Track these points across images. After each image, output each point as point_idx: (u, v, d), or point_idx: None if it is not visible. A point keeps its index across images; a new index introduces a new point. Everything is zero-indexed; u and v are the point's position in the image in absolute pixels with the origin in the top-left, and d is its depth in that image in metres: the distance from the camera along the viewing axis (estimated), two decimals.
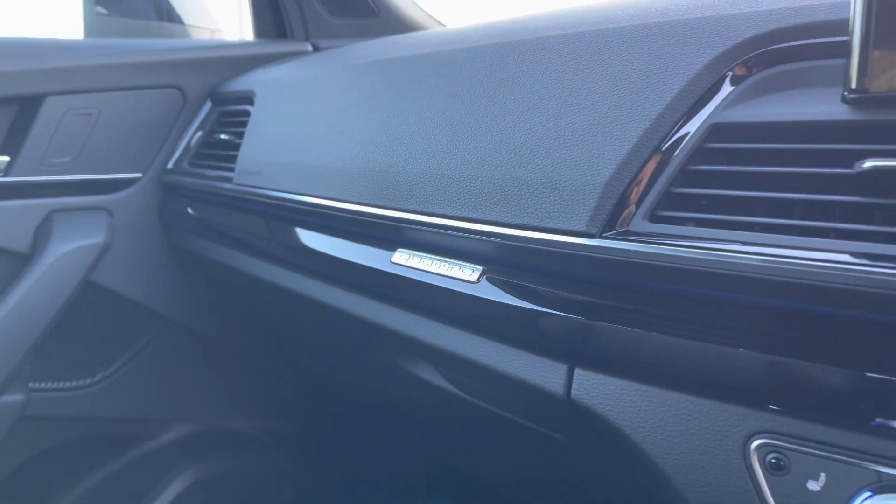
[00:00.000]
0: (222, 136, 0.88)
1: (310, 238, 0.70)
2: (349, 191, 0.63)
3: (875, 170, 0.36)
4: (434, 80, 0.61)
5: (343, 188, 0.64)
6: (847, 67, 0.38)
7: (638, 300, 0.44)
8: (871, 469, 0.37)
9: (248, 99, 0.87)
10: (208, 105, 0.95)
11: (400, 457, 1.08)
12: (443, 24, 1.18)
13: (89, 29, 1.06)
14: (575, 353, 0.48)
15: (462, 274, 0.53)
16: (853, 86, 0.38)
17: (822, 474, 0.39)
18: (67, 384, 0.96)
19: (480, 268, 0.52)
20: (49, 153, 0.87)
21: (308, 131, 0.73)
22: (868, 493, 0.37)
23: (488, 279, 0.52)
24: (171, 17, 1.14)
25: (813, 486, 0.39)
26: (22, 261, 0.87)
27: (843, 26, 0.38)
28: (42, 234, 0.87)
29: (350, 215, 0.63)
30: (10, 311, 0.85)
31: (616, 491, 0.56)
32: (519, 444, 0.64)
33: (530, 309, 0.49)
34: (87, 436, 1.00)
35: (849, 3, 0.38)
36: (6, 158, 0.85)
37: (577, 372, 0.49)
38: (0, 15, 1.15)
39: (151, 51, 0.93)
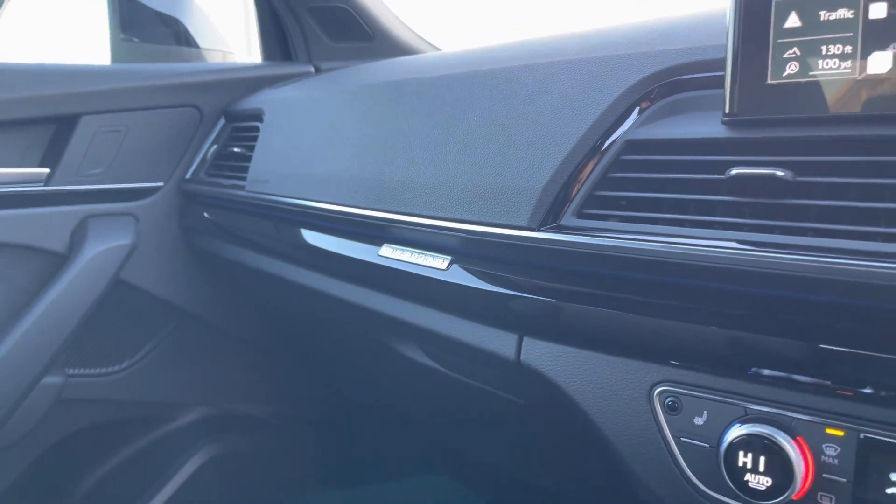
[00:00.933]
0: (235, 150, 0.99)
1: (312, 237, 0.82)
2: (344, 196, 0.75)
3: (739, 176, 0.48)
4: (414, 103, 0.72)
5: (340, 194, 0.76)
6: (724, 97, 0.50)
7: (569, 281, 0.55)
8: (741, 406, 0.49)
9: (257, 116, 0.99)
10: (222, 121, 1.07)
11: (396, 437, 1.19)
12: (433, 45, 1.30)
13: (115, 54, 1.18)
14: (523, 325, 0.59)
15: (435, 263, 0.64)
16: (727, 111, 0.49)
17: (705, 411, 0.50)
18: (98, 370, 1.07)
19: (449, 258, 0.63)
20: (83, 165, 0.99)
21: (310, 145, 0.85)
22: (738, 424, 0.48)
23: (455, 267, 0.63)
24: (188, 41, 1.26)
25: (698, 421, 0.50)
26: (60, 260, 0.99)
27: (723, 64, 0.49)
28: (77, 236, 0.99)
29: (345, 217, 0.74)
30: (49, 304, 0.96)
31: (565, 445, 0.67)
32: (488, 412, 0.75)
33: (487, 290, 0.60)
34: (116, 417, 1.11)
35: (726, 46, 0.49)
36: (46, 170, 0.97)
37: (525, 340, 0.60)
38: (40, 40, 1.27)
39: (171, 74, 1.05)
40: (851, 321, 0.43)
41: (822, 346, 0.45)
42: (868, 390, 0.44)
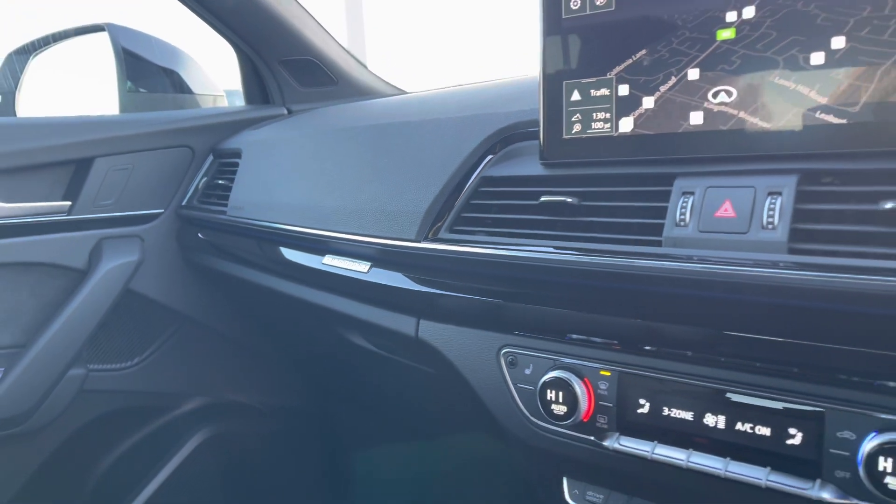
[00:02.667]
0: (220, 182, 1.21)
1: (276, 251, 1.03)
2: (298, 219, 0.97)
3: (546, 202, 0.69)
4: (347, 147, 0.95)
5: (294, 217, 0.98)
6: (539, 147, 0.71)
7: (445, 276, 0.77)
8: (553, 360, 0.70)
9: (237, 154, 1.21)
10: (210, 158, 1.29)
11: (365, 416, 1.40)
12: (389, 84, 1.52)
13: (123, 101, 1.40)
14: (418, 310, 0.81)
15: (359, 267, 0.86)
16: (540, 157, 0.71)
17: (531, 364, 0.71)
18: (114, 366, 1.29)
19: (369, 263, 0.85)
20: (98, 198, 1.21)
21: (274, 178, 1.07)
22: (549, 371, 0.69)
23: (373, 270, 0.85)
24: (183, 88, 1.48)
25: (527, 371, 0.71)
26: (80, 275, 1.20)
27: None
28: (94, 255, 1.21)
29: (299, 234, 0.96)
30: (73, 311, 1.18)
31: (454, 396, 0.89)
32: (412, 382, 0.97)
33: (393, 286, 0.82)
34: (129, 405, 1.31)
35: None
36: (68, 203, 1.19)
37: (421, 322, 0.81)
38: (61, 93, 1.51)
39: (168, 121, 1.28)
40: (617, 299, 0.64)
41: (599, 315, 0.66)
42: (623, 343, 0.65)
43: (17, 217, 1.14)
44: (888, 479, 0.51)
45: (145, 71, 1.43)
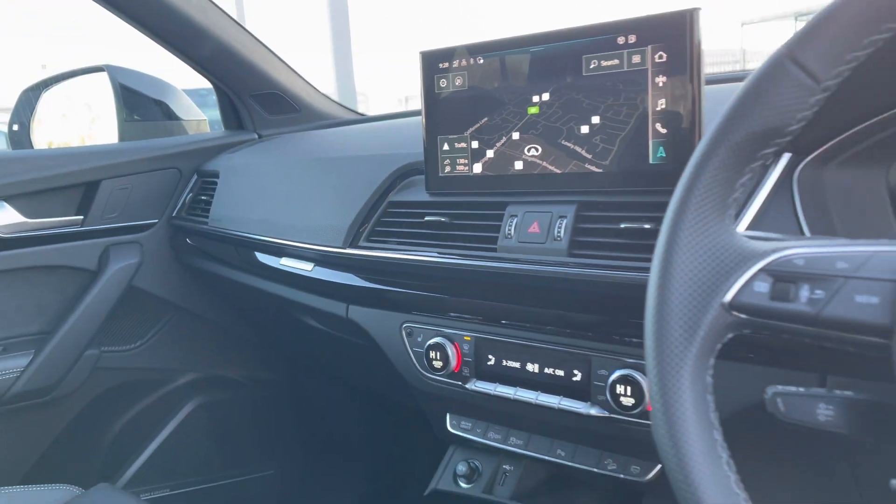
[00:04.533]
0: (202, 198, 1.50)
1: (248, 254, 1.33)
2: (261, 229, 1.26)
3: (428, 220, 0.99)
4: (298, 174, 1.24)
5: (259, 228, 1.27)
6: (426, 181, 1.01)
7: (363, 274, 1.06)
8: (437, 330, 1.00)
9: (216, 175, 1.49)
10: (195, 177, 1.58)
11: (321, 381, 1.70)
12: (345, 107, 1.80)
13: (121, 129, 1.68)
14: (348, 298, 1.11)
15: (306, 267, 1.15)
16: (427, 188, 1.01)
17: (422, 334, 1.01)
18: (121, 348, 1.58)
19: (313, 263, 1.15)
20: (105, 212, 1.49)
21: (244, 197, 1.36)
22: (432, 338, 0.99)
23: (316, 268, 1.15)
24: (171, 116, 1.76)
25: (419, 339, 1.01)
26: (92, 275, 1.48)
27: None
28: (103, 259, 1.49)
29: (262, 241, 1.26)
30: (87, 304, 1.47)
31: (375, 360, 1.19)
32: (349, 352, 1.26)
33: (329, 280, 1.11)
34: (134, 379, 1.60)
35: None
36: (81, 217, 1.47)
37: (350, 306, 1.11)
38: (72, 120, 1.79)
39: (160, 147, 1.56)
40: (470, 288, 0.94)
41: (461, 298, 0.96)
42: (477, 318, 0.95)
43: (40, 230, 1.43)
44: (622, 399, 0.81)
45: (139, 103, 1.71)
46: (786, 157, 0.73)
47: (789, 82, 0.50)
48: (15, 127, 1.70)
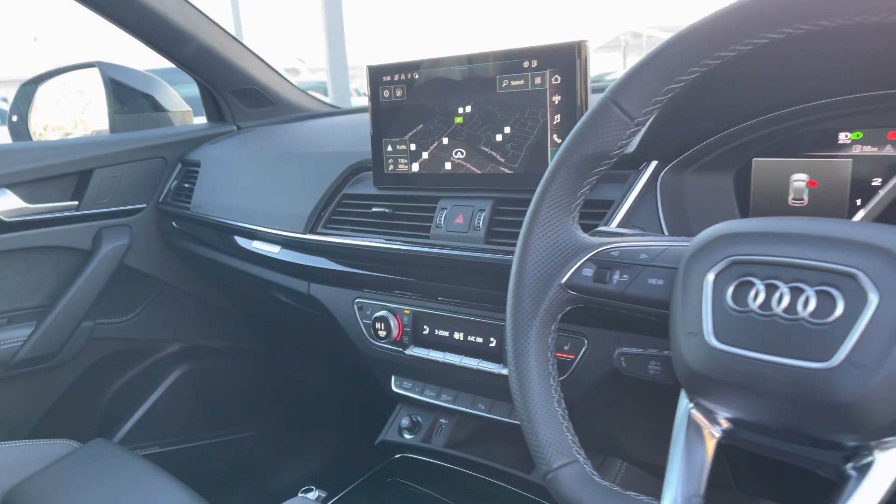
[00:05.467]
0: (185, 185, 1.66)
1: (226, 237, 1.50)
2: (234, 216, 1.43)
3: (375, 211, 1.16)
4: (267, 167, 1.40)
5: (233, 214, 1.44)
6: (373, 177, 1.17)
7: (322, 255, 1.23)
8: (383, 305, 1.17)
9: (197, 164, 1.65)
10: (179, 166, 1.74)
11: (292, 349, 1.88)
12: (318, 100, 1.96)
13: (112, 120, 1.83)
14: (309, 276, 1.28)
15: (273, 249, 1.32)
16: (374, 183, 1.17)
17: (371, 308, 1.18)
18: (114, 320, 1.74)
19: (279, 246, 1.31)
20: (98, 198, 1.65)
21: (222, 185, 1.53)
22: (379, 311, 1.16)
23: (282, 251, 1.31)
24: (158, 107, 1.91)
25: (368, 312, 1.18)
26: (87, 255, 1.64)
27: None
28: (97, 240, 1.65)
29: (236, 227, 1.42)
30: (83, 281, 1.62)
31: (332, 330, 1.36)
32: (313, 323, 1.44)
33: (293, 262, 1.28)
34: (126, 348, 1.76)
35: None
36: (76, 202, 1.63)
37: (311, 284, 1.28)
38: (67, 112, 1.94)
39: (147, 138, 1.71)
40: (409, 269, 1.11)
41: (401, 277, 1.13)
42: (414, 295, 1.13)
43: (39, 214, 1.59)
44: None
45: (128, 96, 1.86)
46: (653, 165, 0.90)
47: (612, 119, 0.66)
48: (14, 118, 1.85)
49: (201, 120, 1.91)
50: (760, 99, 0.83)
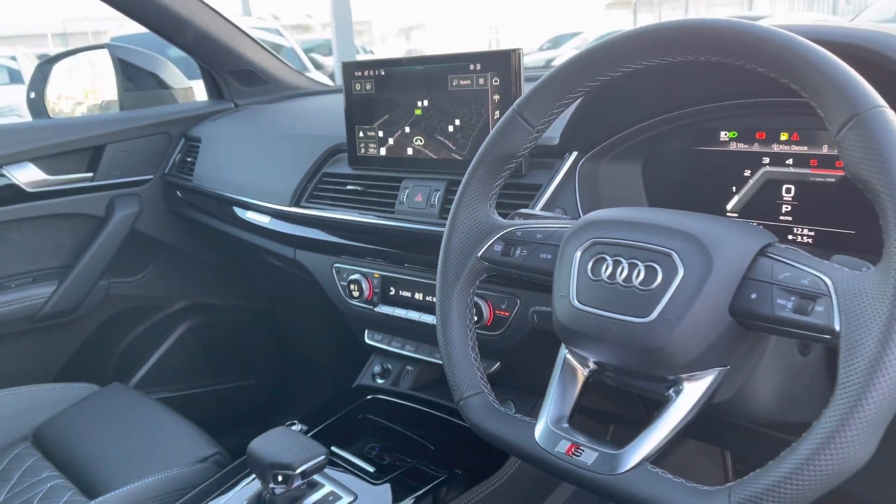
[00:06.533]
0: (188, 159, 1.84)
1: (223, 207, 1.68)
2: (230, 188, 1.61)
3: (349, 188, 1.34)
4: (257, 146, 1.59)
5: (229, 186, 1.62)
6: (347, 157, 1.35)
7: (304, 225, 1.42)
8: (356, 269, 1.36)
9: (198, 140, 1.83)
10: (182, 141, 1.92)
11: (285, 306, 2.08)
12: (309, 79, 2.12)
13: (121, 98, 2.00)
14: (295, 243, 1.47)
15: (264, 220, 1.51)
16: (349, 163, 1.35)
17: (346, 271, 1.37)
18: (126, 279, 1.93)
19: (269, 217, 1.50)
20: (110, 170, 1.83)
21: (220, 161, 1.71)
22: (352, 275, 1.35)
23: (272, 220, 1.50)
24: (163, 85, 2.08)
25: (345, 275, 1.37)
26: (101, 221, 1.83)
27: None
28: (109, 208, 1.84)
29: (233, 199, 1.61)
30: (98, 245, 1.82)
31: (315, 293, 1.55)
32: (300, 284, 1.63)
33: (280, 231, 1.47)
34: (137, 304, 1.98)
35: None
36: (91, 174, 1.82)
37: (297, 251, 1.47)
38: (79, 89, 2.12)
39: (153, 115, 1.89)
40: (377, 239, 1.30)
41: (372, 246, 1.32)
42: (383, 260, 1.32)
43: (58, 185, 1.78)
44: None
45: (136, 75, 2.03)
46: (573, 155, 1.07)
47: (516, 128, 0.84)
48: (32, 95, 2.02)
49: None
50: (658, 103, 1.01)
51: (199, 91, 2.12)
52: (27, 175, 1.73)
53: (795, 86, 0.64)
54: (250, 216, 1.55)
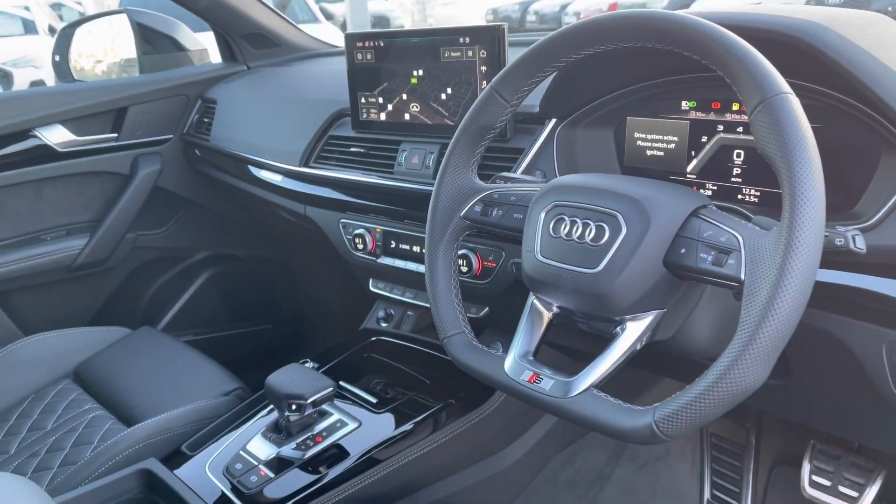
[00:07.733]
0: (205, 120, 1.96)
1: (239, 166, 1.81)
2: (243, 148, 1.74)
3: (353, 150, 1.46)
4: (269, 109, 1.71)
5: (245, 148, 1.75)
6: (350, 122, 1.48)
7: (313, 183, 1.55)
8: (361, 224, 1.49)
9: (214, 101, 1.95)
10: (199, 102, 2.04)
11: (298, 257, 2.24)
12: (318, 41, 2.22)
13: (141, 61, 2.12)
14: (305, 200, 1.60)
15: (276, 178, 1.64)
16: (352, 126, 1.48)
17: (351, 227, 1.51)
18: (151, 232, 2.07)
19: (282, 175, 1.63)
20: (133, 130, 1.96)
21: (235, 121, 1.83)
22: (357, 229, 1.49)
23: (285, 179, 1.63)
24: (180, 48, 2.19)
25: (350, 229, 1.51)
26: (126, 178, 1.96)
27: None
28: (134, 166, 1.97)
29: (247, 158, 1.74)
30: (125, 200, 1.95)
31: (325, 249, 1.69)
32: (311, 237, 1.77)
33: (291, 189, 1.60)
34: (162, 255, 2.11)
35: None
36: (116, 134, 1.95)
37: (307, 207, 1.60)
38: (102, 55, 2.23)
39: (171, 78, 2.00)
40: (380, 197, 1.43)
41: (375, 203, 1.45)
42: (385, 216, 1.45)
43: (86, 145, 1.92)
44: (462, 268, 1.31)
45: (154, 38, 2.14)
46: (552, 122, 1.19)
47: (494, 103, 0.96)
48: (56, 58, 2.15)
49: None
50: (627, 75, 1.12)
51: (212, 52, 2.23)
52: (57, 136, 1.86)
53: (720, 72, 0.76)
54: (264, 175, 1.68)
